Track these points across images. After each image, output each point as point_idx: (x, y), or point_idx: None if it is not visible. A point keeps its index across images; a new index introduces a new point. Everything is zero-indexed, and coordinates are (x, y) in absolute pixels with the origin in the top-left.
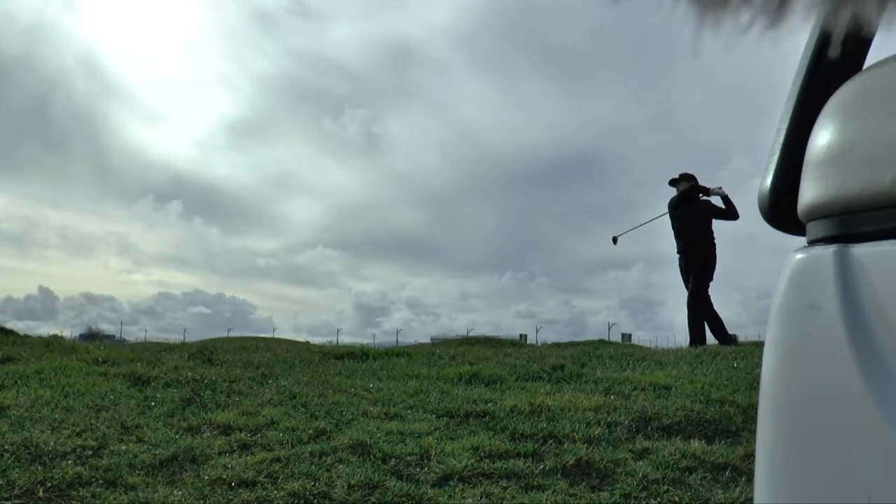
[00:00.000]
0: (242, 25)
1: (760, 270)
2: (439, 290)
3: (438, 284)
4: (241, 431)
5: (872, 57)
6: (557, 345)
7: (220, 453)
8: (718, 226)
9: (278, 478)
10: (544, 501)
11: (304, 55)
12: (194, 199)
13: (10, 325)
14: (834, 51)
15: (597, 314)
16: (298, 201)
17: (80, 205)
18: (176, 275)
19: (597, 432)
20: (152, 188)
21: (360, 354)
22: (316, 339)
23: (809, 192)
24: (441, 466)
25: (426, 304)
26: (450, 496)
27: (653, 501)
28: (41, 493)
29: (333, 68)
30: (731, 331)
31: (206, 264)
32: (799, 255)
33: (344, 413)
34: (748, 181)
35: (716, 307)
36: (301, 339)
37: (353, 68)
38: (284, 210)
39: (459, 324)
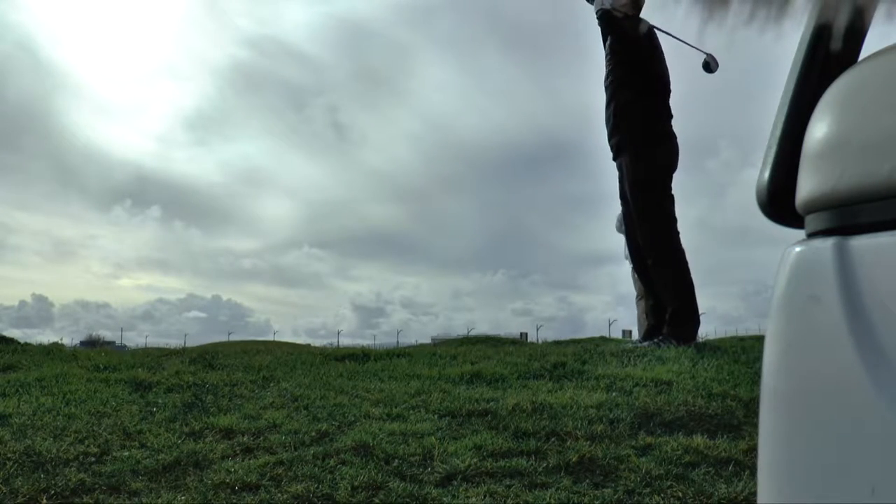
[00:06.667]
0: (190, 10)
1: (756, 263)
2: (432, 289)
3: (430, 283)
4: (243, 435)
5: (868, 48)
6: (558, 342)
7: (222, 457)
8: (707, 220)
9: (282, 481)
10: (548, 499)
11: (258, 41)
12: (165, 198)
13: (6, 334)
14: (835, 44)
15: (593, 310)
16: (270, 199)
17: (47, 207)
18: (163, 279)
19: (599, 429)
20: (121, 188)
21: (361, 356)
22: (316, 342)
23: (807, 185)
24: (444, 466)
25: (420, 303)
26: (453, 496)
27: (656, 497)
28: (45, 501)
29: (290, 55)
30: (727, 325)
31: (190, 267)
32: (798, 248)
33: (346, 415)
34: (737, 173)
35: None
36: (300, 341)
37: (311, 54)
38: (257, 208)
39: (457, 323)
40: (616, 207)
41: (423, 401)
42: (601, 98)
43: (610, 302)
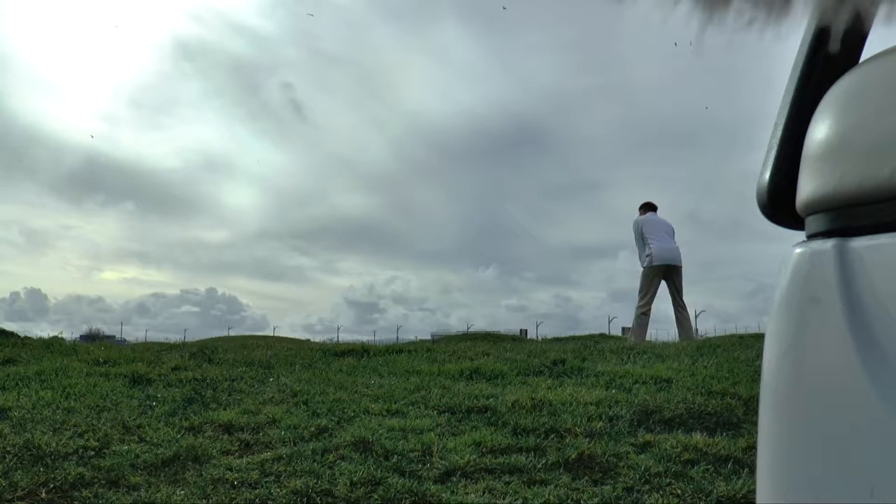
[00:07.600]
0: None
1: (757, 261)
2: (420, 284)
3: (416, 277)
4: (242, 430)
5: (869, 50)
6: (558, 339)
7: (222, 452)
8: (699, 214)
9: (281, 476)
10: (547, 496)
11: (201, 13)
12: (123, 185)
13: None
14: (833, 45)
15: (587, 307)
16: (234, 186)
17: (9, 195)
18: (146, 272)
19: (598, 426)
20: (76, 174)
21: (360, 352)
22: (315, 337)
23: (808, 187)
24: (443, 462)
25: (413, 298)
26: (452, 492)
27: (655, 494)
28: (44, 495)
29: (237, 29)
30: (727, 322)
31: (169, 260)
32: (798, 250)
33: (345, 410)
34: (721, 164)
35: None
36: (296, 336)
37: (259, 28)
38: (222, 196)
39: (453, 319)
40: (605, 204)
41: (422, 397)
42: (567, 84)
43: (604, 298)
